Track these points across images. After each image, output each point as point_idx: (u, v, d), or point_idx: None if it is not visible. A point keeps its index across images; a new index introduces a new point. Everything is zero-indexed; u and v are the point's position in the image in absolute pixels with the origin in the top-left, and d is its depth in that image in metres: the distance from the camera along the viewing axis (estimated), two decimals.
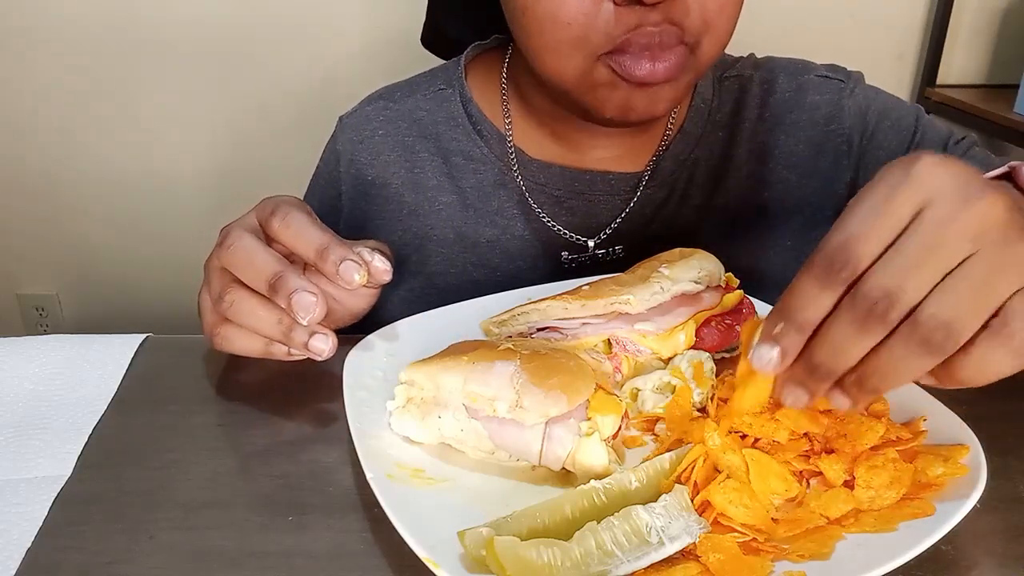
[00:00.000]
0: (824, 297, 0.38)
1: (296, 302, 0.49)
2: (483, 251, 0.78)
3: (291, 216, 0.53)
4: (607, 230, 0.76)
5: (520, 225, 0.77)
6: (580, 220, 0.77)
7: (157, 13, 1.76)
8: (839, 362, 0.38)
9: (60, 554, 0.44)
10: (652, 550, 0.39)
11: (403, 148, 0.79)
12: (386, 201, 0.79)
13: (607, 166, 0.76)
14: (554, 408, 0.45)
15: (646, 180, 0.76)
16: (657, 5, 0.57)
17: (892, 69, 1.91)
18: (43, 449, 0.52)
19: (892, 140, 0.76)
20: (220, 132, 1.89)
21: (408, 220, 0.79)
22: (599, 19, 0.59)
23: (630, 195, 0.76)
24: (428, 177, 0.79)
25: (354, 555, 0.43)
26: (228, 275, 0.54)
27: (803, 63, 0.80)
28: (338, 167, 0.81)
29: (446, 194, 0.78)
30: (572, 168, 0.76)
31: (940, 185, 0.37)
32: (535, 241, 0.77)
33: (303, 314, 0.49)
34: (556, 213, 0.77)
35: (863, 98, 0.77)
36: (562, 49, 0.61)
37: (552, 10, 0.59)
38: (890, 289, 0.36)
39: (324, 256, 0.51)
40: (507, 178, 0.77)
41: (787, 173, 0.77)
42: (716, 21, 0.61)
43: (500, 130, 0.78)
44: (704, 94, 0.78)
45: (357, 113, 0.82)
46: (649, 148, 0.77)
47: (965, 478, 0.43)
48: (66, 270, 2.01)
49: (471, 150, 0.78)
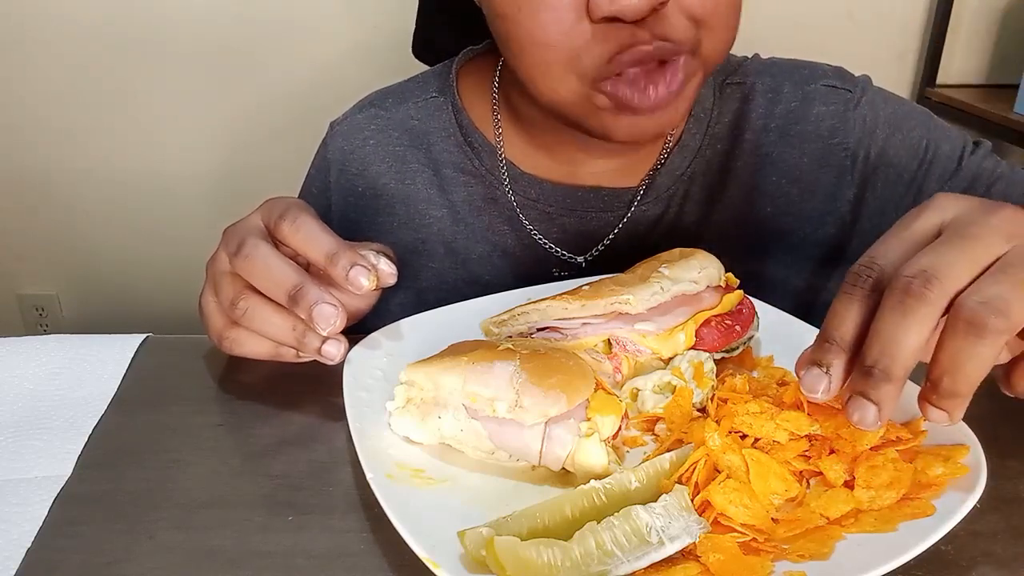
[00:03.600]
0: (856, 309, 0.38)
1: (317, 314, 0.50)
2: (473, 267, 0.77)
3: (300, 220, 0.53)
4: (599, 247, 0.75)
5: (511, 242, 0.76)
6: (572, 237, 0.75)
7: (157, 14, 1.76)
8: (892, 357, 0.36)
9: (60, 554, 0.44)
10: (652, 550, 0.39)
11: (394, 158, 0.77)
12: (376, 212, 0.78)
13: (600, 181, 0.74)
14: (553, 408, 0.45)
15: (640, 196, 0.74)
16: (641, 23, 0.55)
17: (892, 69, 1.91)
18: (43, 449, 0.52)
19: (902, 156, 0.73)
20: (220, 132, 1.89)
21: (399, 232, 0.77)
22: (580, 39, 0.57)
23: (623, 212, 0.74)
24: (419, 189, 0.77)
25: (354, 555, 0.43)
26: (241, 281, 0.54)
27: (809, 68, 0.76)
28: (328, 176, 0.79)
29: (437, 208, 0.77)
30: (565, 184, 0.74)
31: (961, 205, 0.38)
32: (526, 258, 0.76)
33: (324, 326, 0.50)
34: (548, 230, 0.75)
35: (870, 110, 0.73)
36: (552, 71, 0.59)
37: (531, 33, 0.58)
38: (925, 268, 0.35)
39: (334, 261, 0.51)
40: (498, 193, 0.75)
41: (788, 186, 0.74)
42: (710, 19, 0.58)
43: (491, 142, 0.75)
44: (704, 103, 0.75)
45: (348, 121, 0.80)
46: (646, 162, 0.74)
47: (965, 478, 0.42)
48: (66, 270, 2.01)
49: (462, 162, 0.76)
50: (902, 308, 0.35)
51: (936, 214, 0.38)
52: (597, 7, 0.54)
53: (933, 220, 0.38)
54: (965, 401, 0.37)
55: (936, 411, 0.37)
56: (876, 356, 0.37)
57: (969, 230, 0.36)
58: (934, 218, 0.38)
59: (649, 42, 0.56)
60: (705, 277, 0.58)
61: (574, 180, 0.74)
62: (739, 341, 0.57)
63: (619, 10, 0.54)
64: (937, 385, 0.36)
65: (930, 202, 0.39)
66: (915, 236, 0.38)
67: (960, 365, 0.35)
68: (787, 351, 0.57)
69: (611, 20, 0.55)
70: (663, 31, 0.56)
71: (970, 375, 0.36)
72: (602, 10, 0.54)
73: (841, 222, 0.75)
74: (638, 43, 0.56)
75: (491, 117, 0.76)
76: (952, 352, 0.35)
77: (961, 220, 0.37)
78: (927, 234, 0.38)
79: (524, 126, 0.75)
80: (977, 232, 0.36)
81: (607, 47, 0.57)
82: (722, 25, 0.60)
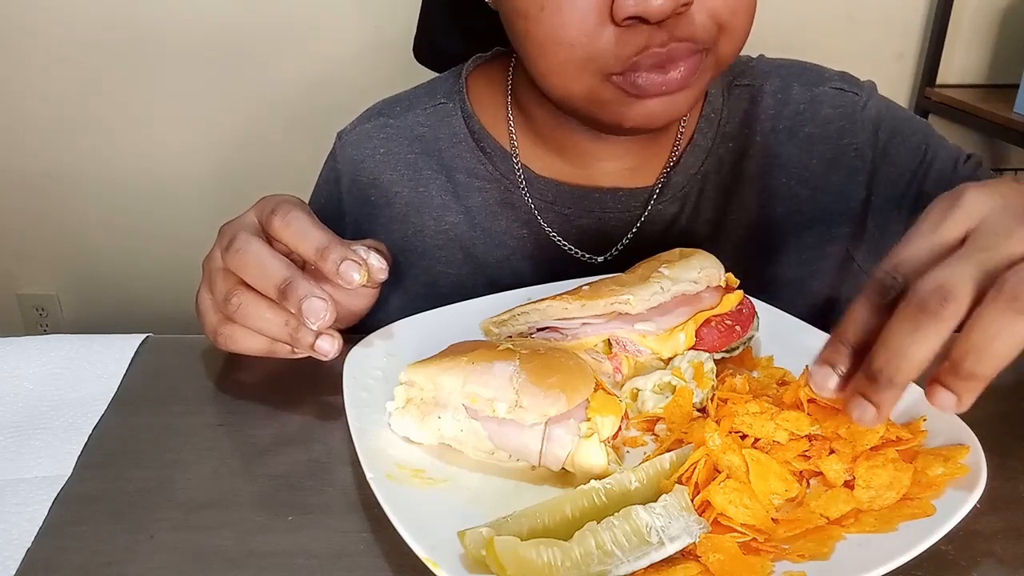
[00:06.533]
0: (873, 314, 0.38)
1: (307, 308, 0.50)
2: (492, 271, 0.76)
3: (292, 215, 0.53)
4: (618, 247, 0.75)
5: (530, 245, 0.76)
6: (590, 238, 0.75)
7: (157, 13, 1.76)
8: (897, 366, 0.36)
9: (60, 554, 0.44)
10: (652, 550, 0.39)
11: (406, 166, 0.77)
12: (390, 221, 0.77)
13: (616, 181, 0.74)
14: (553, 408, 0.45)
15: (656, 195, 0.74)
16: (663, 23, 0.56)
17: (892, 69, 1.91)
18: (43, 449, 0.52)
19: (904, 157, 0.74)
20: (220, 132, 1.89)
21: (414, 240, 0.77)
22: (602, 40, 0.57)
23: (640, 211, 0.74)
24: (433, 196, 0.77)
25: (354, 555, 0.43)
26: (233, 277, 0.54)
27: (816, 71, 0.77)
28: (339, 186, 0.79)
29: (452, 213, 0.77)
30: (582, 186, 0.74)
31: (990, 210, 0.37)
32: (545, 260, 0.76)
33: (313, 320, 0.50)
34: (566, 231, 0.75)
35: (875, 112, 0.75)
36: (568, 70, 0.60)
37: (553, 33, 0.58)
38: (942, 284, 0.35)
39: (324, 256, 0.51)
40: (514, 196, 0.75)
41: (799, 187, 0.75)
42: (731, 22, 0.59)
43: (504, 146, 0.76)
44: (714, 103, 0.76)
45: (356, 131, 0.80)
46: (659, 160, 0.75)
47: (965, 478, 0.43)
48: (66, 270, 2.01)
49: (475, 167, 0.76)
50: (914, 323, 0.36)
51: (964, 217, 0.38)
52: (622, 7, 0.55)
53: (960, 225, 0.38)
54: (981, 386, 0.36)
55: (947, 395, 0.36)
56: (882, 364, 0.37)
57: (991, 243, 0.36)
58: (962, 222, 0.38)
59: (665, 43, 0.57)
60: (705, 277, 0.58)
61: (590, 181, 0.75)
62: (739, 341, 0.57)
63: (644, 11, 0.54)
64: (959, 365, 0.35)
65: (959, 199, 0.38)
66: (941, 241, 0.38)
67: (991, 341, 0.34)
68: (787, 351, 0.57)
69: (634, 21, 0.56)
70: (685, 32, 0.57)
71: (1001, 354, 0.35)
72: (627, 10, 0.55)
73: (853, 222, 0.76)
74: (655, 44, 0.57)
75: (504, 122, 0.76)
76: (986, 325, 0.34)
77: (986, 230, 0.37)
78: (953, 241, 0.38)
79: (537, 129, 0.75)
80: (998, 244, 0.36)
81: (628, 49, 0.57)
82: (740, 28, 0.61)
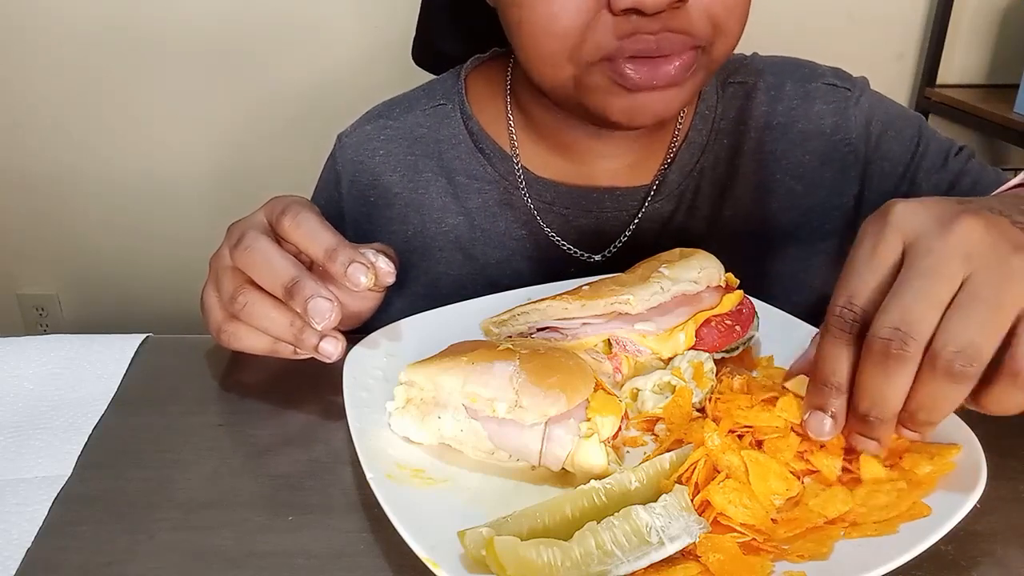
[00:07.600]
0: (846, 354, 0.40)
1: (312, 308, 0.50)
2: (492, 272, 0.77)
3: (302, 216, 0.53)
4: (615, 245, 0.75)
5: (529, 245, 0.76)
6: (588, 237, 0.76)
7: (157, 14, 1.76)
8: (883, 408, 0.39)
9: (60, 554, 0.44)
10: (652, 550, 0.39)
11: (406, 167, 0.78)
12: (390, 222, 0.78)
13: (614, 180, 0.75)
14: (553, 407, 0.45)
15: (653, 193, 0.75)
16: (658, 17, 0.57)
17: (892, 69, 1.91)
18: (43, 449, 0.52)
19: (895, 150, 0.75)
20: (220, 132, 1.89)
21: (414, 241, 0.77)
22: (596, 29, 0.58)
23: (637, 209, 0.75)
24: (433, 197, 0.77)
25: (354, 555, 0.43)
26: (241, 275, 0.54)
27: (809, 68, 0.78)
28: (339, 187, 0.79)
29: (452, 215, 0.77)
30: (580, 186, 0.75)
31: (918, 223, 0.39)
32: (544, 260, 0.76)
33: (318, 320, 0.50)
34: (565, 231, 0.76)
35: (868, 107, 0.76)
36: (556, 59, 0.61)
37: (546, 23, 0.59)
38: (898, 324, 0.38)
39: (332, 257, 0.51)
40: (513, 198, 0.76)
41: (793, 183, 0.76)
42: (727, 23, 0.60)
43: (503, 148, 0.76)
44: (708, 100, 0.76)
45: (356, 132, 0.80)
46: (655, 159, 0.76)
47: (965, 478, 0.43)
48: (66, 270, 2.01)
49: (474, 169, 0.77)
50: (885, 368, 0.38)
51: (896, 234, 0.40)
52: None
53: (895, 243, 0.40)
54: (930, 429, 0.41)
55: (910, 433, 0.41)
56: (868, 407, 0.40)
57: (928, 263, 0.38)
58: (895, 240, 0.40)
59: (655, 32, 0.58)
60: (705, 277, 0.58)
61: (589, 181, 0.75)
62: (739, 341, 0.57)
63: (639, 2, 0.55)
64: (914, 418, 0.40)
65: (887, 216, 0.40)
66: (883, 265, 0.40)
67: (939, 406, 0.39)
68: (787, 351, 0.57)
69: (630, 12, 0.57)
70: (680, 25, 0.58)
71: (945, 413, 0.39)
72: (624, 2, 0.55)
73: (847, 216, 0.76)
74: (643, 31, 0.58)
75: (504, 123, 0.77)
76: (930, 395, 0.38)
77: (920, 248, 0.38)
78: (893, 262, 0.40)
79: (537, 127, 0.76)
80: (935, 265, 0.38)
81: (613, 35, 0.58)
82: (734, 29, 0.62)
